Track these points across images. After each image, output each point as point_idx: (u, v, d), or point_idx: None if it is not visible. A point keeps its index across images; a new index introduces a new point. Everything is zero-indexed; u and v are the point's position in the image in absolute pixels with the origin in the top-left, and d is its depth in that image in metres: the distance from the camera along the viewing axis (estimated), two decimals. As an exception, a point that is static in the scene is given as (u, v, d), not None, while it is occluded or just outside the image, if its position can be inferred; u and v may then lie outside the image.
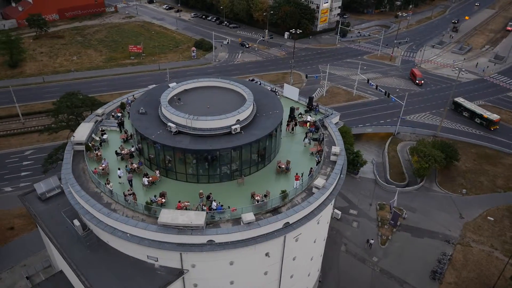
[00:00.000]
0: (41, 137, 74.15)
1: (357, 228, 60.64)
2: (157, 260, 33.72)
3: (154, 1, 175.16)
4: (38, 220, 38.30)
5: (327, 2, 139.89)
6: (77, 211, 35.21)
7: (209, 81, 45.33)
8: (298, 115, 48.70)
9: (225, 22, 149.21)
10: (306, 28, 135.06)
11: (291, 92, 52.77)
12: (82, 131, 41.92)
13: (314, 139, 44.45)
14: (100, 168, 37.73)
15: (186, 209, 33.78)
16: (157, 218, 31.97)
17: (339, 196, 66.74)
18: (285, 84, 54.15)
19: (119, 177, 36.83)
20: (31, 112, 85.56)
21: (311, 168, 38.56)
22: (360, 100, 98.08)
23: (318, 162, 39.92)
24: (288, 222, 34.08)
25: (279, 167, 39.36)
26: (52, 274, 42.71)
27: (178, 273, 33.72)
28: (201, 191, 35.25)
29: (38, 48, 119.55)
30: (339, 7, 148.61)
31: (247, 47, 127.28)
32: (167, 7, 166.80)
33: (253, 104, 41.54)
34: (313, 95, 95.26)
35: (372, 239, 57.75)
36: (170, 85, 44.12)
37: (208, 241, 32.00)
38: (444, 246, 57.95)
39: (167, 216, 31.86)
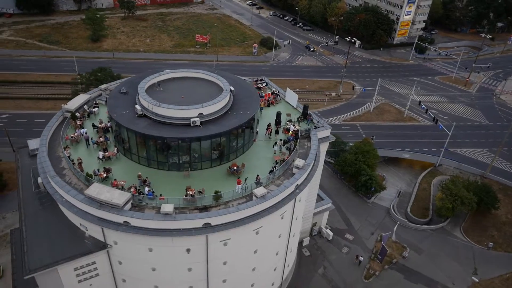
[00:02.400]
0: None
1: (345, 254, 56.14)
2: (87, 230, 35.60)
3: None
4: (17, 172, 43.03)
5: (409, 14, 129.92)
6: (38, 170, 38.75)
7: (197, 72, 45.91)
8: (288, 121, 46.67)
9: (300, 24, 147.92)
10: (380, 39, 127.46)
11: (291, 97, 50.79)
12: (75, 101, 45.84)
13: (288, 149, 42.32)
14: (71, 136, 40.95)
15: (121, 188, 35.04)
16: (91, 190, 33.88)
17: (339, 216, 62.54)
18: (287, 89, 52.23)
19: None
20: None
21: (258, 176, 36.91)
22: (409, 122, 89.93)
23: (271, 171, 38.03)
24: (209, 223, 33.25)
25: (229, 168, 38.44)
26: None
27: (102, 246, 35.18)
28: (139, 173, 36.26)
29: (122, 28, 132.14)
30: (423, 21, 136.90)
31: (312, 51, 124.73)
32: (250, 3, 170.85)
33: (229, 101, 41.15)
34: (355, 112, 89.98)
35: (362, 256, 53.73)
36: (164, 72, 45.73)
37: (124, 221, 32.83)
38: (438, 299, 50.96)
39: (94, 189, 33.41)
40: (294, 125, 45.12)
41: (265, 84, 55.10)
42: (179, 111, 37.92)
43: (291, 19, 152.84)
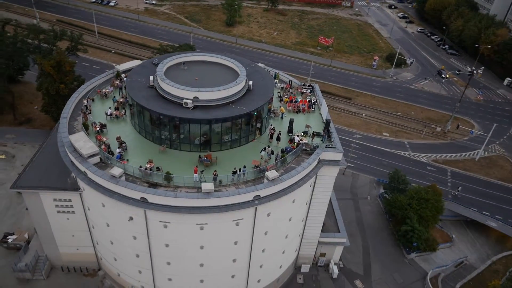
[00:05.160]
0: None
1: (343, 299, 49.07)
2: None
3: (393, 7, 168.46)
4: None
5: None
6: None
7: (223, 59, 45.94)
8: (303, 132, 42.82)
9: (446, 46, 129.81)
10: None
11: (324, 110, 46.19)
12: (127, 64, 51.64)
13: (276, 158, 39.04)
14: (103, 90, 46.48)
15: (103, 143, 38.35)
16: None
17: (360, 258, 54.62)
18: (323, 100, 47.56)
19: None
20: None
21: (215, 171, 35.34)
22: (523, 186, 70.92)
23: (234, 172, 35.86)
24: (146, 199, 33.70)
25: (200, 156, 37.78)
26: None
27: (76, 188, 39.36)
28: (118, 135, 39.04)
29: (259, 18, 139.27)
30: None
31: (443, 77, 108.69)
32: (402, 15, 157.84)
33: (236, 93, 40.31)
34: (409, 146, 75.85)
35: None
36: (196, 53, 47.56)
37: (83, 171, 36.05)
38: None
39: (76, 137, 37.38)
40: (300, 137, 41.18)
41: (310, 91, 51.18)
42: (176, 90, 38.95)
43: (438, 39, 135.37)
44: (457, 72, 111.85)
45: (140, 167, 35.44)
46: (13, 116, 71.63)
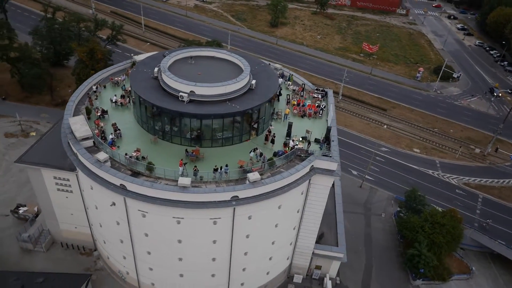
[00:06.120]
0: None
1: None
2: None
3: (452, 17, 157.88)
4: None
5: None
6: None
7: (231, 56, 45.40)
8: (302, 137, 41.21)
9: (505, 63, 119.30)
10: None
11: (330, 117, 44.15)
12: (144, 55, 52.92)
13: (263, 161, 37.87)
14: (116, 78, 48.08)
15: (100, 128, 39.61)
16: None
17: (361, 276, 51.57)
18: (331, 106, 45.42)
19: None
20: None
21: (195, 167, 34.95)
22: None
23: (215, 170, 35.24)
24: (125, 186, 34.12)
25: (187, 150, 37.60)
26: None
27: (73, 168, 40.73)
28: (114, 122, 40.04)
29: (305, 21, 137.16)
30: None
31: (495, 96, 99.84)
32: (461, 27, 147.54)
33: (234, 90, 39.70)
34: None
35: None
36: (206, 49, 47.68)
37: (74, 153, 37.40)
38: None
39: (74, 119, 38.96)
40: (294, 142, 39.65)
41: (321, 96, 49.11)
42: (174, 82, 39.10)
43: (498, 54, 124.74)
44: (510, 91, 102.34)
45: (126, 154, 36.05)
46: (51, 97, 76.63)
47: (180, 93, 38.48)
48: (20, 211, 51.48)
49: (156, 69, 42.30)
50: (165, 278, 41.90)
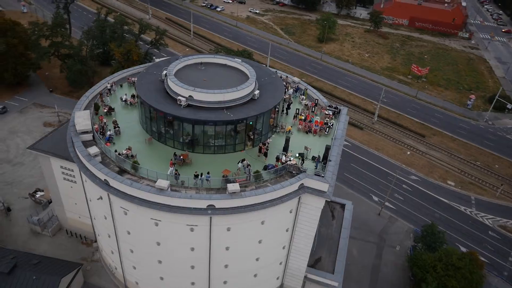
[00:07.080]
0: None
1: None
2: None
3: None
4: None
5: None
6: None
7: (242, 65, 45.03)
8: (299, 154, 39.60)
9: None
10: None
11: (337, 135, 42.07)
12: (165, 59, 54.47)
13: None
14: (132, 78, 49.92)
15: (103, 124, 41.20)
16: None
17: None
18: (340, 125, 43.13)
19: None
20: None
21: (176, 170, 34.72)
22: None
23: (196, 176, 34.77)
24: (108, 181, 34.88)
25: (175, 154, 37.58)
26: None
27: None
28: (114, 119, 41.25)
29: (356, 38, 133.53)
30: None
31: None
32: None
33: (233, 99, 39.38)
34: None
35: None
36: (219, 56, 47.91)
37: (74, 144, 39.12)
38: None
39: (80, 113, 40.86)
40: (287, 157, 38.12)
41: (333, 113, 46.86)
42: (175, 86, 39.66)
43: None
44: None
45: (116, 151, 36.96)
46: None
47: (179, 97, 38.83)
48: (37, 195, 54.92)
49: (164, 72, 43.26)
50: (147, 279, 42.06)
